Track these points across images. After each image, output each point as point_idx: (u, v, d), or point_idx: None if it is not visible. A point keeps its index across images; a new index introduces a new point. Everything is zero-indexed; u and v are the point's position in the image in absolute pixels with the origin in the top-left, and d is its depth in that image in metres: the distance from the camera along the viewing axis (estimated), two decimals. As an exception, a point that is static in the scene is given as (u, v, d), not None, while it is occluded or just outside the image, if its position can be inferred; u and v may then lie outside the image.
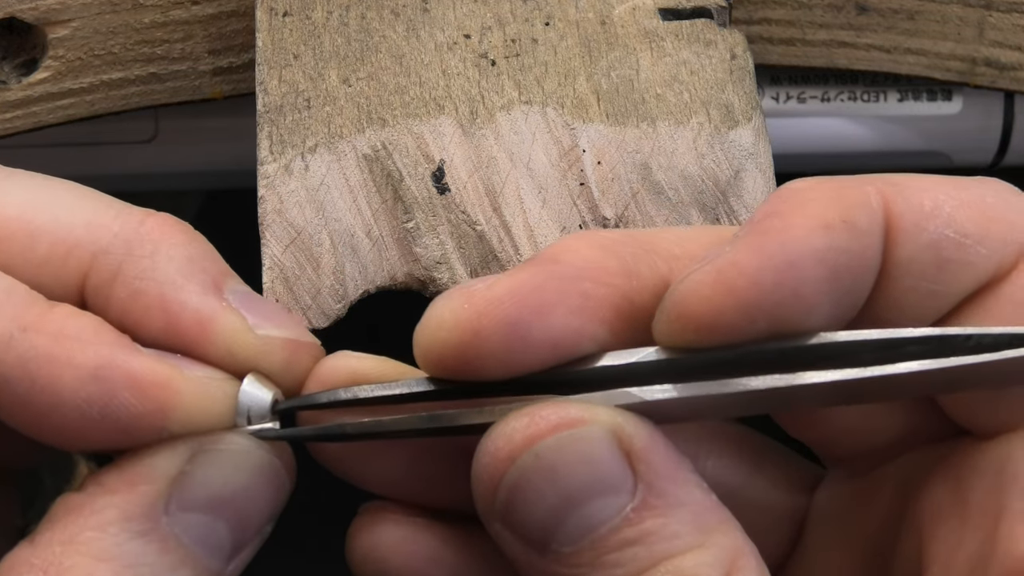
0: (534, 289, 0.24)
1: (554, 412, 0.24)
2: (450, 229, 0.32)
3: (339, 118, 0.33)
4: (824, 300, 0.24)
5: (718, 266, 0.24)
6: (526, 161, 0.33)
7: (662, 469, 0.24)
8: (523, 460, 0.23)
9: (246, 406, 0.26)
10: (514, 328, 0.24)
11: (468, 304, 0.24)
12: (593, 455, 0.23)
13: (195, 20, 0.37)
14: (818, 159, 0.45)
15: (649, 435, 0.24)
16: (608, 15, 0.35)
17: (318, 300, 0.31)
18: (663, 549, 0.23)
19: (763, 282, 0.23)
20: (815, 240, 0.23)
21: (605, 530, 0.23)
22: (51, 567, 0.23)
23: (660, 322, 0.24)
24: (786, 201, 0.24)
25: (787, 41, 0.40)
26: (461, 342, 0.24)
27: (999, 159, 0.45)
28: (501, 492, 0.24)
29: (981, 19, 0.39)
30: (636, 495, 0.23)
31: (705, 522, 0.24)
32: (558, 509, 0.23)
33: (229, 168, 0.43)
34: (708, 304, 0.24)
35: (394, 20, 0.35)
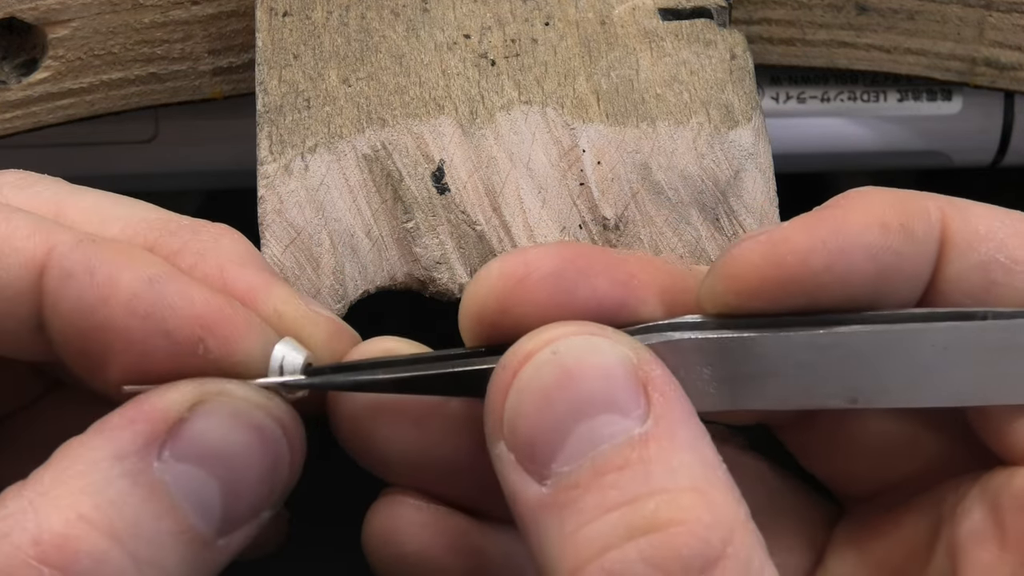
0: (582, 254, 0.25)
1: (573, 325, 0.24)
2: (450, 229, 0.32)
3: (339, 118, 0.33)
4: (867, 293, 0.25)
5: (773, 238, 0.25)
6: (526, 161, 0.33)
7: (675, 410, 0.23)
8: (540, 355, 0.23)
9: (279, 360, 0.26)
10: (558, 281, 0.25)
11: (517, 255, 0.25)
12: (609, 369, 0.23)
13: (195, 20, 0.37)
14: (818, 159, 0.45)
15: (668, 376, 0.24)
16: (608, 15, 0.35)
17: (318, 300, 0.31)
18: (661, 482, 0.22)
19: (812, 262, 0.25)
20: (870, 235, 0.25)
21: (608, 447, 0.23)
22: (37, 496, 0.23)
23: (706, 283, 0.26)
24: (849, 198, 0.26)
25: (787, 41, 0.40)
26: (505, 290, 0.25)
27: (999, 159, 0.45)
28: (512, 394, 0.24)
29: (981, 19, 0.39)
30: (645, 423, 0.23)
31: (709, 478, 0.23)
32: (566, 418, 0.23)
33: (229, 168, 0.43)
34: (755, 271, 0.25)
35: (394, 20, 0.35)
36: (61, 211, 0.27)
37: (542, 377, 0.23)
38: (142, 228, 0.27)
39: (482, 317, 0.25)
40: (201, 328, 0.24)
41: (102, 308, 0.24)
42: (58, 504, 0.23)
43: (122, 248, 0.25)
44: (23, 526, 0.22)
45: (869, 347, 0.25)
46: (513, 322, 0.25)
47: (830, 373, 0.25)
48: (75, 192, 0.28)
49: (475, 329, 0.26)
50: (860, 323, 0.25)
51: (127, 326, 0.24)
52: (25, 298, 0.25)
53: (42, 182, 0.28)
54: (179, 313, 0.24)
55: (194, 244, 0.27)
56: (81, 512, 0.23)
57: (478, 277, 0.25)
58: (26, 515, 0.23)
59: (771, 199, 0.33)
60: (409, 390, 0.26)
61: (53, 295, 0.25)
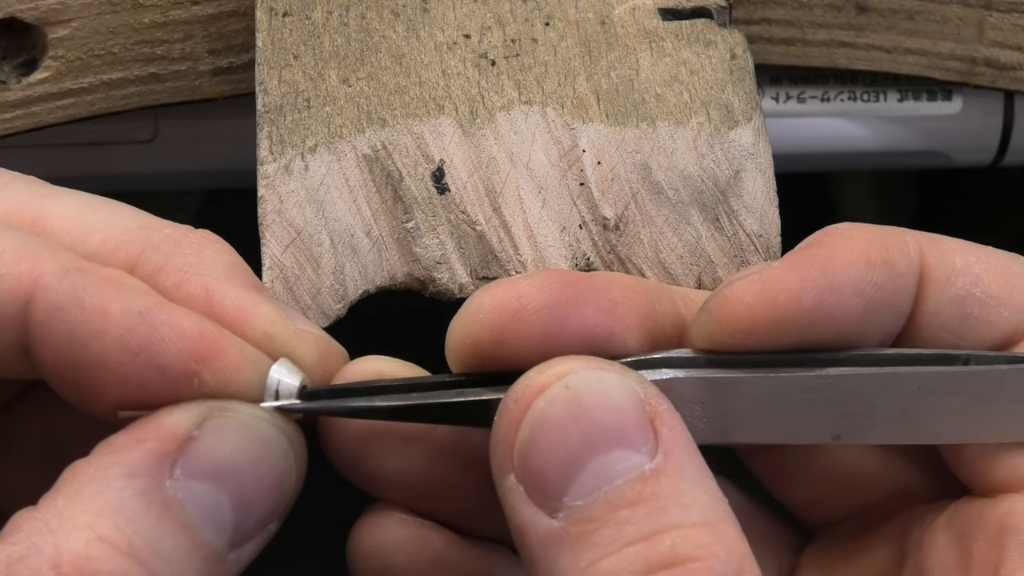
0: (569, 284, 0.26)
1: (583, 359, 0.25)
2: (450, 229, 0.32)
3: (339, 118, 0.33)
4: (856, 329, 0.26)
5: (764, 278, 0.25)
6: (526, 161, 0.33)
7: (681, 445, 0.24)
8: (553, 389, 0.24)
9: (274, 384, 0.26)
10: (552, 313, 0.25)
11: (507, 289, 0.25)
12: (619, 402, 0.24)
13: (195, 20, 0.37)
14: (818, 159, 0.45)
15: (673, 411, 0.24)
16: (608, 15, 0.35)
17: (318, 300, 0.31)
18: (675, 518, 0.23)
19: (803, 300, 0.25)
20: (856, 271, 0.25)
21: (622, 483, 0.23)
22: (52, 519, 0.23)
23: (699, 322, 0.26)
24: (832, 236, 0.26)
25: (787, 41, 0.40)
26: (500, 323, 0.25)
27: (999, 159, 0.45)
28: (524, 428, 0.24)
29: (981, 19, 0.39)
30: (655, 459, 0.23)
31: (716, 512, 0.24)
32: (579, 452, 0.23)
33: (229, 168, 0.43)
34: (748, 311, 0.25)
35: (394, 20, 0.35)
36: (39, 217, 0.26)
37: (555, 410, 0.24)
38: (124, 240, 0.26)
39: (476, 349, 0.25)
40: (196, 363, 0.24)
41: (93, 343, 0.24)
42: (76, 525, 0.23)
43: (110, 277, 0.25)
44: (41, 548, 0.22)
45: (857, 389, 0.26)
46: (507, 353, 0.25)
47: (818, 412, 0.26)
48: (52, 195, 0.27)
49: (466, 359, 0.26)
50: (849, 364, 0.26)
51: (119, 361, 0.24)
52: (11, 326, 0.24)
53: (16, 182, 0.27)
54: (172, 348, 0.24)
55: (177, 259, 0.26)
56: (100, 533, 0.23)
57: (469, 308, 0.26)
58: (43, 537, 0.23)
59: (771, 199, 0.33)
60: (405, 418, 0.26)
61: (41, 327, 0.24)
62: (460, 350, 0.26)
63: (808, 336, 0.26)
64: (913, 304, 0.27)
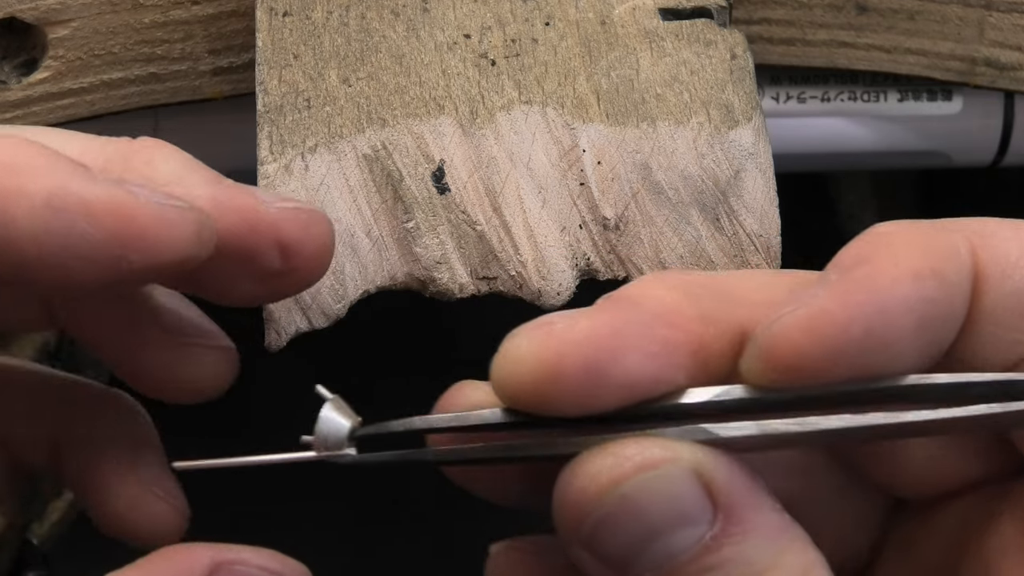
0: (613, 333, 0.24)
1: (638, 452, 0.24)
2: (450, 229, 0.32)
3: (339, 118, 0.33)
4: (909, 348, 0.25)
5: (810, 313, 0.24)
6: (526, 161, 0.33)
7: (739, 498, 0.24)
8: (608, 498, 0.24)
9: (324, 433, 0.26)
10: (592, 370, 0.24)
11: (547, 343, 0.25)
12: (676, 493, 0.24)
13: (195, 20, 0.37)
14: (818, 159, 0.45)
15: (728, 468, 0.25)
16: (608, 15, 0.35)
17: (318, 300, 0.31)
18: (739, 572, 0.24)
19: (853, 332, 0.24)
20: (905, 290, 0.24)
21: (685, 558, 0.24)
22: None
23: (748, 360, 0.25)
24: (874, 246, 0.25)
25: (787, 41, 0.40)
26: (539, 381, 0.24)
27: (999, 159, 0.45)
28: (586, 526, 0.24)
29: (981, 19, 0.39)
30: (715, 524, 0.24)
31: (778, 543, 0.24)
32: (641, 540, 0.24)
33: (229, 168, 0.43)
34: (797, 349, 0.24)
35: (394, 20, 0.35)
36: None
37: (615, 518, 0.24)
38: None
39: (517, 400, 0.25)
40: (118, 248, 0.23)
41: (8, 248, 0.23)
42: None
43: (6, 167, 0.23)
44: None
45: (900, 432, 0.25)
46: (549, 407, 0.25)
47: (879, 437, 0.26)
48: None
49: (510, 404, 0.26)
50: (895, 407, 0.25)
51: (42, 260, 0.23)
52: None
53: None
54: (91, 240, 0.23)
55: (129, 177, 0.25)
56: None
57: (509, 357, 0.25)
58: None
59: (771, 199, 0.33)
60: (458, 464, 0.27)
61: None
62: (502, 395, 0.26)
63: (864, 365, 0.25)
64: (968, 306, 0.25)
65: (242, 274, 0.26)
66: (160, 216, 0.24)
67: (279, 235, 0.26)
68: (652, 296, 0.25)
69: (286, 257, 0.26)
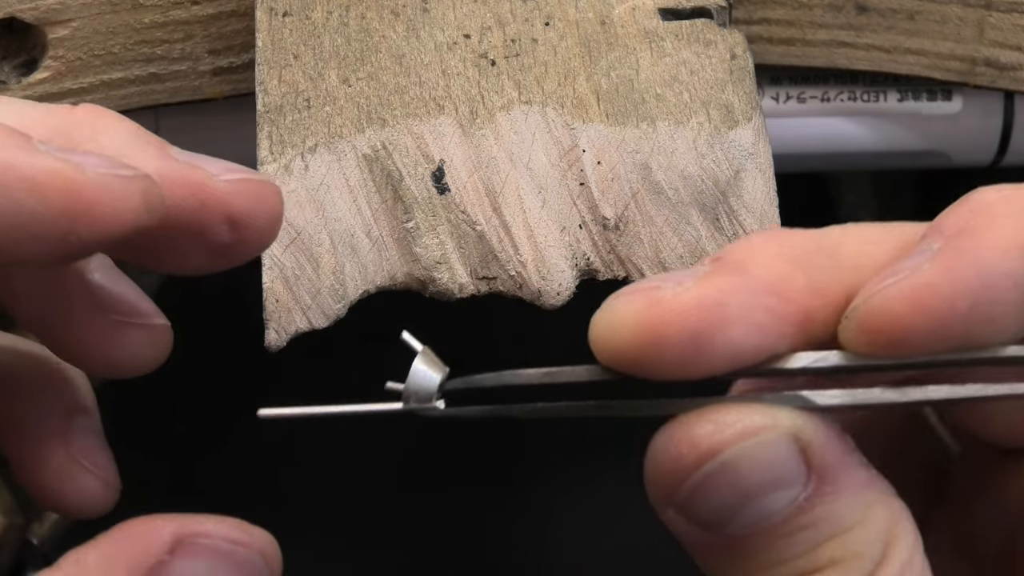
0: (720, 303, 0.25)
1: (738, 419, 0.25)
2: (450, 229, 0.32)
3: (339, 118, 0.33)
4: (1012, 321, 0.25)
5: (913, 285, 0.24)
6: (526, 161, 0.33)
7: (832, 459, 0.25)
8: (709, 466, 0.24)
9: (415, 385, 0.26)
10: (695, 340, 0.24)
11: (654, 309, 0.25)
12: (775, 459, 0.24)
13: (195, 20, 0.37)
14: (818, 159, 0.45)
15: (824, 429, 0.25)
16: (608, 15, 0.35)
17: (318, 300, 0.31)
18: (829, 530, 0.24)
19: (958, 306, 0.24)
20: (1012, 264, 0.24)
21: (778, 519, 0.24)
22: None
23: (848, 329, 0.25)
24: (978, 215, 0.25)
25: (787, 41, 0.40)
26: (641, 346, 0.25)
27: (999, 159, 0.45)
28: (683, 491, 0.25)
29: (981, 19, 0.39)
30: (809, 485, 0.25)
31: (866, 499, 0.25)
32: (736, 503, 0.25)
33: (229, 168, 0.43)
34: (900, 322, 0.24)
35: (394, 20, 0.35)
36: None
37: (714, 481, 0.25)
38: None
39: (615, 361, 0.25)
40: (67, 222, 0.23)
41: None
42: None
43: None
44: None
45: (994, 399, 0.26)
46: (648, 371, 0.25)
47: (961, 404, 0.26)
48: None
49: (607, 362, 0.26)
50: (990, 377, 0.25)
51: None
52: None
53: None
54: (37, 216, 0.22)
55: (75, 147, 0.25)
56: None
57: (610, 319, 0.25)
58: None
59: (771, 199, 0.33)
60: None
61: None
62: (601, 355, 0.26)
63: (967, 338, 0.25)
64: None
65: (190, 247, 0.26)
66: (107, 188, 0.23)
67: (228, 209, 0.25)
68: (762, 264, 0.25)
69: (236, 230, 0.26)
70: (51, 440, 0.32)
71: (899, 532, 0.25)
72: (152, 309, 0.31)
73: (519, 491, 0.49)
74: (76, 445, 0.32)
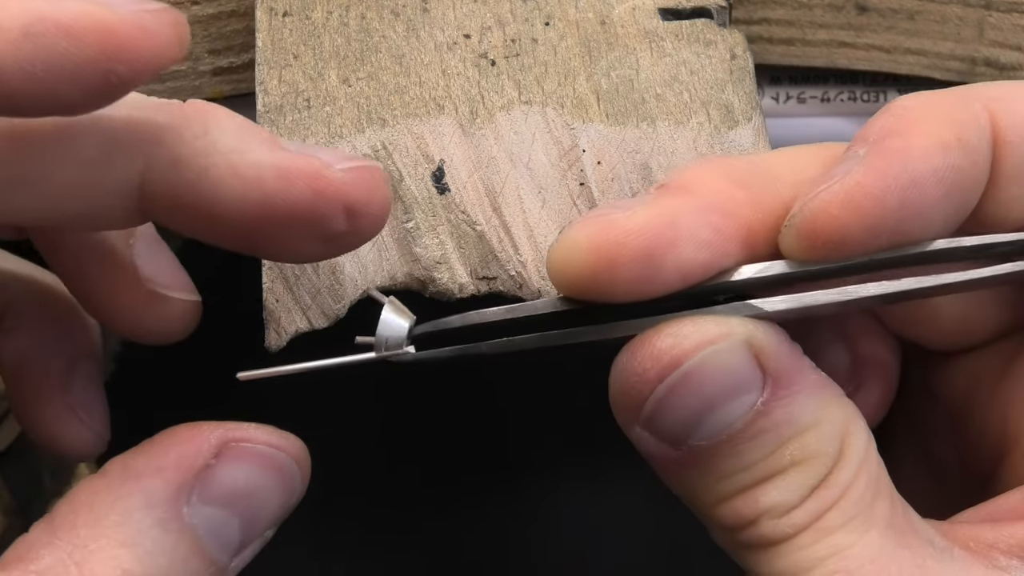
0: (669, 223, 0.26)
1: (695, 330, 0.26)
2: (450, 229, 0.32)
3: (339, 118, 0.33)
4: (938, 215, 0.26)
5: (846, 187, 0.25)
6: (526, 161, 0.33)
7: (785, 363, 0.26)
8: (671, 378, 0.26)
9: (385, 334, 0.27)
10: (648, 259, 0.26)
11: (606, 233, 0.26)
12: (732, 365, 0.26)
13: (195, 20, 0.37)
14: (818, 159, 0.45)
15: (775, 336, 0.26)
16: (608, 15, 0.35)
17: (318, 300, 0.31)
18: (788, 432, 0.26)
19: (888, 202, 0.25)
20: (935, 160, 0.25)
21: (740, 424, 0.26)
22: (75, 549, 0.24)
23: (788, 236, 0.26)
24: (900, 119, 0.26)
25: (787, 41, 0.40)
26: (596, 268, 0.26)
27: (999, 159, 0.45)
28: (648, 405, 0.26)
29: (981, 19, 0.39)
30: (765, 390, 0.26)
31: (820, 400, 0.26)
32: (699, 413, 0.26)
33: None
34: (836, 223, 0.25)
35: (394, 20, 0.35)
36: None
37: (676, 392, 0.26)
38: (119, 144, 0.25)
39: (571, 285, 0.26)
40: (102, 57, 0.23)
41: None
42: (101, 559, 0.23)
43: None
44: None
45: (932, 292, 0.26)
46: (604, 293, 0.26)
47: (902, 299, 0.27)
48: None
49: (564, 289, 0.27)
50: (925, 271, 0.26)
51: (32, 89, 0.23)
52: None
53: None
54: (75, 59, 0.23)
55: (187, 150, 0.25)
56: (124, 567, 0.24)
57: (565, 245, 0.26)
58: (68, 570, 0.23)
59: (771, 199, 0.33)
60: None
61: None
62: (558, 282, 0.27)
63: (899, 233, 0.26)
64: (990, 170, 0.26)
65: (306, 236, 0.26)
66: (139, 24, 0.23)
67: (346, 199, 0.26)
68: (705, 185, 0.27)
69: (352, 219, 0.26)
70: (51, 383, 0.33)
71: (853, 431, 0.26)
72: (187, 284, 0.31)
73: (519, 491, 0.49)
74: (74, 393, 0.33)
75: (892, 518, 0.26)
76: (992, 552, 0.26)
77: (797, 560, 0.25)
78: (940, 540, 0.26)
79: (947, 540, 0.26)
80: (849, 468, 0.26)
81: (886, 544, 0.25)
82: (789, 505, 0.25)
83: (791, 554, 0.25)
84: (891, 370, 0.32)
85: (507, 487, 0.49)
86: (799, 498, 0.25)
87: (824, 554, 0.25)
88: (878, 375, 0.32)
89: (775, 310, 0.26)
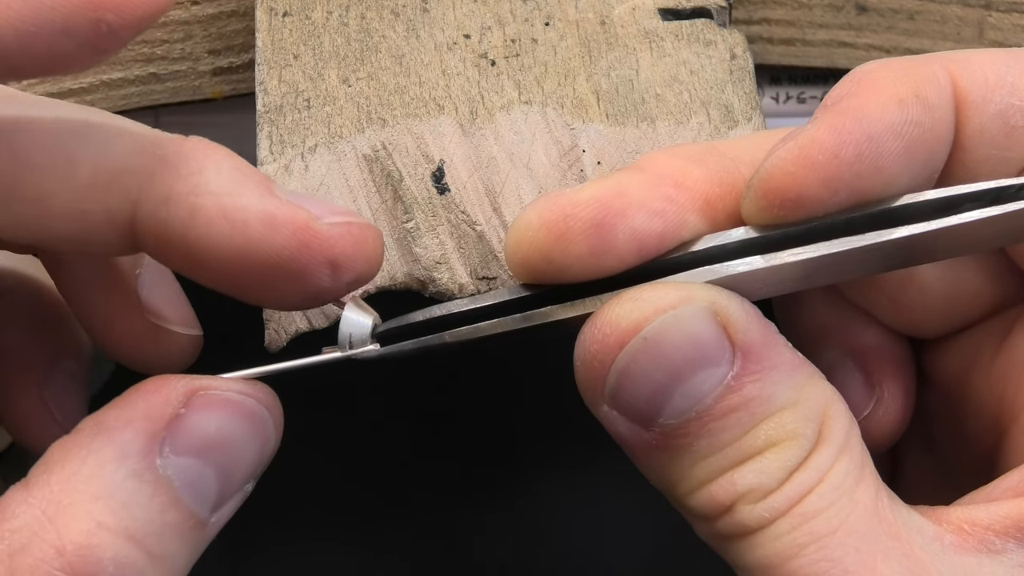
0: (618, 194, 0.26)
1: (654, 295, 0.25)
2: (450, 229, 0.32)
3: (339, 118, 0.33)
4: (901, 171, 0.26)
5: (800, 143, 0.25)
6: (526, 161, 0.33)
7: (755, 335, 0.25)
8: (632, 344, 0.25)
9: (347, 332, 0.27)
10: (598, 229, 0.25)
11: (554, 207, 0.26)
12: (696, 332, 0.25)
13: (195, 20, 0.37)
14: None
15: (741, 305, 0.26)
16: (608, 15, 0.35)
17: (318, 300, 0.31)
18: (763, 410, 0.25)
19: (843, 155, 0.25)
20: (890, 114, 0.25)
21: (710, 400, 0.25)
22: (48, 505, 0.23)
23: (747, 200, 0.26)
24: (859, 82, 0.26)
25: (787, 41, 0.40)
26: (546, 243, 0.26)
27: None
28: (611, 377, 0.25)
29: (981, 19, 0.39)
30: (735, 363, 0.25)
31: (796, 379, 0.25)
32: (666, 385, 0.25)
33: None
34: (792, 179, 0.25)
35: (394, 20, 0.35)
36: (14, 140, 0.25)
37: (638, 364, 0.25)
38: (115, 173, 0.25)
39: (527, 265, 0.26)
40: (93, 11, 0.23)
41: None
42: (74, 513, 0.23)
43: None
44: (42, 538, 0.23)
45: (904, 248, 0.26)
46: (558, 271, 0.26)
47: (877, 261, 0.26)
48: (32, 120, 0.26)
49: (521, 273, 0.27)
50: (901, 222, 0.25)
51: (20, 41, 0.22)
52: None
53: None
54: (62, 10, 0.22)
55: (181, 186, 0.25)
56: (99, 520, 0.23)
57: (519, 225, 0.26)
58: (43, 526, 0.23)
59: (771, 199, 0.33)
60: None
61: None
62: (513, 265, 0.27)
63: (858, 189, 0.25)
64: (955, 131, 0.26)
65: (288, 287, 0.26)
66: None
67: (331, 253, 0.26)
68: (658, 162, 0.27)
69: (336, 274, 0.26)
70: (30, 375, 0.32)
71: (833, 414, 0.26)
72: (190, 318, 0.31)
73: (520, 490, 0.49)
74: (51, 388, 0.32)
75: (876, 506, 0.25)
76: (987, 534, 0.25)
77: (776, 548, 0.25)
78: (931, 529, 0.25)
79: (939, 527, 0.25)
80: (829, 451, 0.25)
81: (870, 532, 0.25)
82: (766, 489, 0.25)
83: (770, 542, 0.25)
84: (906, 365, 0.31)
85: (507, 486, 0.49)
86: (776, 481, 0.25)
87: (804, 542, 0.24)
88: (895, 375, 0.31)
89: (738, 272, 0.26)
